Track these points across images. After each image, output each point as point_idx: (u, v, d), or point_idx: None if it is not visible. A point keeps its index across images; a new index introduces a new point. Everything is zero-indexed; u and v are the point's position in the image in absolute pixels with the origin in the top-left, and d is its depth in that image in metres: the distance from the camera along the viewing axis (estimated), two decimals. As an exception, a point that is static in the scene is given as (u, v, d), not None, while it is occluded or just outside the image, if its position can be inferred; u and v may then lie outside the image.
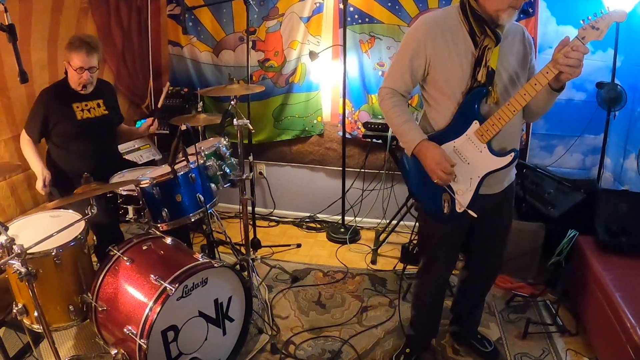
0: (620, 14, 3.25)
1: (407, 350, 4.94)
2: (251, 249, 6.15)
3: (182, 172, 4.77)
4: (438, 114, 4.02)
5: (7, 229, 3.87)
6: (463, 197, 3.98)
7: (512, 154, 3.78)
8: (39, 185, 5.20)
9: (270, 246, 7.22)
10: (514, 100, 3.59)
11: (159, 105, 5.70)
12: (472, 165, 3.90)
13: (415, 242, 6.22)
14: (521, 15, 6.43)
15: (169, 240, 4.69)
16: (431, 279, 4.68)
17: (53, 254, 4.09)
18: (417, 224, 4.72)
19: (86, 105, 5.49)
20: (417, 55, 3.90)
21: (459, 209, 4.01)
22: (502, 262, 4.67)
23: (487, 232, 4.44)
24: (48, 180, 5.20)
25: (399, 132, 4.08)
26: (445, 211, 4.08)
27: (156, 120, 6.25)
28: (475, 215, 3.96)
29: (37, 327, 4.26)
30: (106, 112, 5.66)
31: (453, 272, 4.71)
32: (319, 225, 8.11)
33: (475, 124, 3.79)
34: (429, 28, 3.86)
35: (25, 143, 5.35)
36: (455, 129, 3.90)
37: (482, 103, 3.81)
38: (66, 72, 5.35)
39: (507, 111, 3.62)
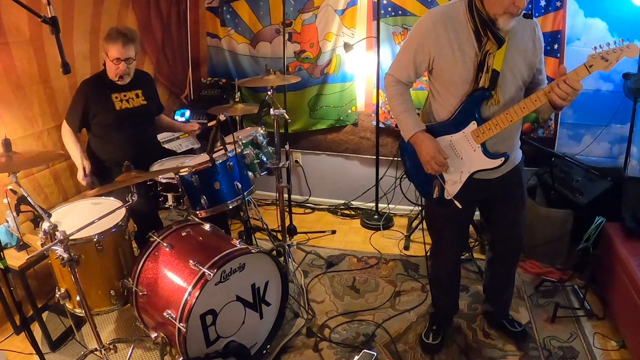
0: (633, 51, 3.30)
1: (434, 327, 4.96)
2: (287, 235, 6.10)
3: (220, 161, 4.75)
4: (440, 107, 4.06)
5: (50, 215, 3.89)
6: (452, 188, 4.09)
7: (503, 158, 3.85)
8: (79, 175, 5.21)
9: (305, 232, 7.23)
10: (512, 111, 3.63)
11: (209, 124, 5.69)
12: (464, 161, 3.97)
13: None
14: (549, 8, 6.37)
15: (207, 226, 4.70)
16: (442, 259, 4.78)
17: (95, 240, 4.12)
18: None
19: (125, 95, 5.48)
20: (421, 51, 3.90)
21: (447, 196, 4.10)
22: (522, 241, 4.68)
23: (500, 213, 4.47)
24: (88, 170, 5.20)
25: (398, 119, 4.17)
26: (434, 196, 4.19)
27: (200, 128, 6.29)
28: (460, 206, 4.05)
29: (79, 311, 4.28)
30: (144, 102, 5.65)
31: (482, 256, 4.70)
32: (353, 212, 8.10)
33: (473, 124, 3.83)
34: (435, 24, 3.83)
35: (66, 133, 5.36)
36: (454, 124, 3.94)
37: (484, 104, 3.82)
38: (105, 64, 5.35)
39: (505, 120, 3.67)
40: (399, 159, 6.93)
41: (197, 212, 4.89)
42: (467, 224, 4.72)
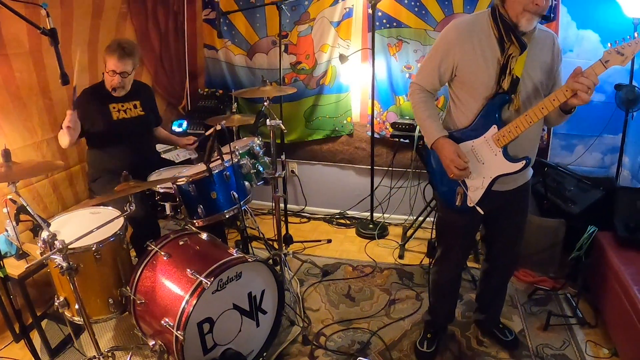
0: None
1: (429, 335, 4.98)
2: (283, 244, 6.12)
3: (217, 171, 4.75)
4: (462, 114, 4.05)
5: (49, 225, 3.88)
6: (474, 194, 4.06)
7: (524, 161, 3.83)
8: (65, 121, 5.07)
9: (301, 241, 7.22)
10: (532, 112, 3.62)
11: (207, 134, 5.72)
12: (486, 166, 3.95)
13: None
14: (542, 21, 6.36)
15: (204, 235, 4.72)
16: (448, 267, 4.77)
17: (93, 249, 4.12)
18: (436, 215, 4.74)
19: (122, 106, 5.52)
20: (445, 59, 3.93)
21: (469, 203, 4.08)
22: (520, 254, 4.71)
23: (502, 226, 4.49)
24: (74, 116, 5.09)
25: (422, 125, 4.18)
26: (457, 203, 4.17)
27: (197, 143, 6.29)
28: (482, 212, 4.06)
29: (77, 319, 4.28)
30: (142, 112, 5.68)
31: (476, 265, 4.72)
32: (348, 222, 8.09)
33: (494, 128, 3.82)
34: (459, 33, 3.88)
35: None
36: (475, 130, 3.93)
37: (504, 109, 3.82)
38: (104, 73, 5.36)
39: (525, 121, 3.65)
40: (394, 169, 6.96)
41: (195, 222, 4.88)
42: (475, 232, 4.74)
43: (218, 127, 4.69)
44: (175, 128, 7.28)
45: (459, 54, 3.86)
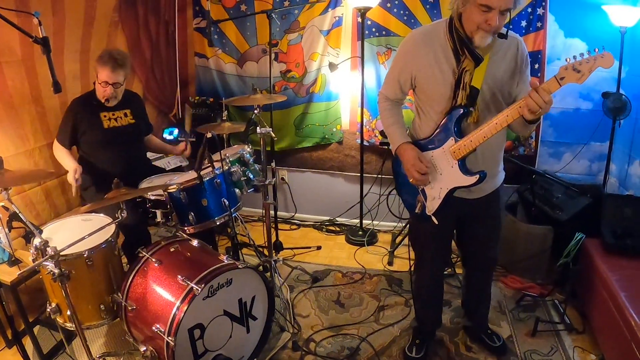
0: (607, 60, 3.15)
1: (417, 341, 4.99)
2: (273, 251, 6.11)
3: (207, 178, 4.77)
4: (424, 124, 4.11)
5: (41, 232, 3.90)
6: (431, 203, 4.08)
7: (478, 175, 3.80)
8: (70, 177, 5.18)
9: (291, 248, 7.23)
10: (486, 127, 3.61)
11: (187, 129, 5.69)
12: (443, 177, 3.97)
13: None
14: (530, 29, 6.45)
15: (195, 242, 4.72)
16: (425, 273, 4.82)
17: (85, 255, 4.12)
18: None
19: (113, 114, 5.54)
20: (404, 70, 4.01)
21: (428, 212, 4.10)
22: (494, 260, 4.75)
23: (473, 233, 4.54)
24: (79, 173, 5.18)
25: (387, 132, 4.29)
26: (416, 210, 4.20)
27: (189, 145, 6.29)
28: (437, 222, 4.10)
29: (69, 325, 4.28)
30: (133, 120, 5.70)
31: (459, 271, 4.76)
32: (338, 229, 8.11)
33: (451, 140, 3.83)
34: (416, 44, 3.92)
35: (58, 149, 5.40)
36: (434, 141, 3.96)
37: (463, 121, 3.83)
38: (95, 83, 5.38)
39: (480, 137, 3.65)
40: (383, 176, 6.97)
41: (185, 228, 4.90)
42: (448, 238, 4.74)
43: (208, 135, 4.73)
44: (166, 136, 7.27)
45: (416, 64, 3.91)
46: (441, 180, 3.97)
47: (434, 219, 4.08)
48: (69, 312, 3.84)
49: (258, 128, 5.24)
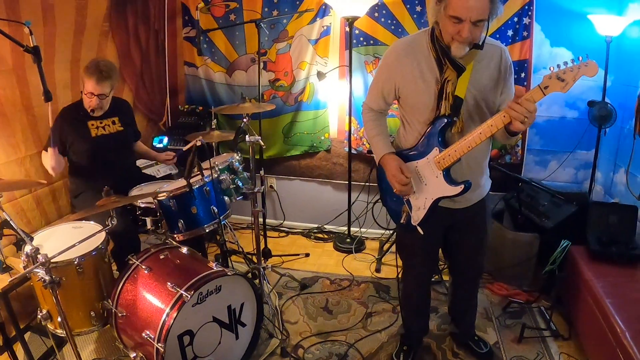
0: (591, 69, 3.12)
1: (405, 347, 5.00)
2: (262, 258, 6.06)
3: (197, 186, 4.80)
4: (409, 134, 4.11)
5: (32, 239, 3.91)
6: (417, 214, 4.07)
7: (463, 185, 3.78)
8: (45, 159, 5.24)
9: (280, 255, 7.24)
10: (470, 137, 3.58)
11: (184, 149, 5.70)
12: (428, 187, 3.95)
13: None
14: (516, 38, 6.50)
15: (184, 249, 4.74)
16: (411, 282, 4.83)
17: (75, 262, 4.14)
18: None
19: (101, 122, 5.55)
20: (387, 81, 4.01)
21: (413, 222, 4.10)
22: (481, 268, 4.77)
23: (459, 242, 4.55)
24: (55, 159, 5.19)
25: (371, 143, 4.31)
26: (401, 221, 4.21)
27: (176, 158, 6.33)
28: (422, 233, 4.09)
29: (60, 332, 4.30)
30: (121, 128, 5.71)
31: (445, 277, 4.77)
32: (326, 236, 8.12)
33: (435, 151, 3.81)
34: (398, 54, 3.93)
35: (44, 156, 5.35)
36: (419, 151, 3.95)
37: (447, 131, 3.82)
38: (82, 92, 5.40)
39: (464, 146, 3.63)
40: (371, 184, 7.00)
41: (175, 236, 4.92)
42: (435, 248, 4.69)
43: (198, 143, 4.72)
44: (156, 144, 7.27)
45: (399, 75, 3.92)
46: (426, 191, 3.96)
47: (419, 229, 4.08)
48: (59, 319, 3.83)
49: (247, 136, 5.23)
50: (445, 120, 3.75)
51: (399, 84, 3.94)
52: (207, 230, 4.99)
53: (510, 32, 6.50)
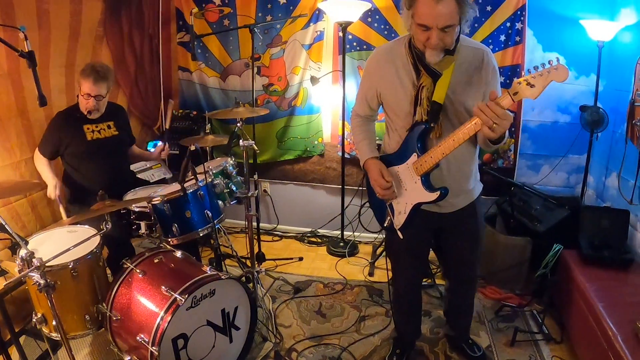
0: (561, 73, 2.99)
1: (397, 350, 5.02)
2: (256, 262, 6.16)
3: (191, 190, 4.82)
4: (391, 139, 4.15)
5: (27, 243, 3.88)
6: (398, 218, 4.09)
7: (439, 192, 3.75)
8: (50, 191, 5.28)
9: (274, 259, 7.25)
10: (445, 143, 3.54)
11: (167, 126, 5.70)
12: (408, 192, 3.96)
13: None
14: (509, 43, 6.52)
15: (179, 253, 4.74)
16: (400, 284, 4.84)
17: (70, 266, 4.13)
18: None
19: (96, 126, 5.54)
20: (370, 88, 4.07)
21: (395, 226, 4.11)
22: (475, 272, 4.72)
23: (450, 247, 4.56)
24: (59, 187, 5.29)
25: (357, 148, 4.35)
26: (385, 224, 4.26)
27: (167, 144, 6.36)
28: (402, 237, 4.11)
29: (55, 335, 4.28)
30: (116, 132, 5.71)
31: (443, 282, 4.77)
32: (319, 240, 8.13)
33: (414, 156, 3.81)
34: (377, 61, 3.98)
35: (39, 159, 5.43)
36: (400, 156, 3.95)
37: (426, 137, 3.82)
38: (78, 96, 5.40)
39: (438, 152, 3.60)
40: (364, 188, 7.01)
41: (169, 240, 4.93)
42: (423, 251, 4.69)
43: (192, 148, 4.75)
44: (151, 149, 7.21)
45: (379, 81, 3.96)
46: (406, 196, 3.97)
47: (400, 233, 4.10)
48: (54, 322, 3.82)
49: (241, 141, 5.25)
50: (423, 127, 3.75)
51: (380, 90, 3.99)
52: (201, 235, 5.00)
53: (502, 37, 6.51)
